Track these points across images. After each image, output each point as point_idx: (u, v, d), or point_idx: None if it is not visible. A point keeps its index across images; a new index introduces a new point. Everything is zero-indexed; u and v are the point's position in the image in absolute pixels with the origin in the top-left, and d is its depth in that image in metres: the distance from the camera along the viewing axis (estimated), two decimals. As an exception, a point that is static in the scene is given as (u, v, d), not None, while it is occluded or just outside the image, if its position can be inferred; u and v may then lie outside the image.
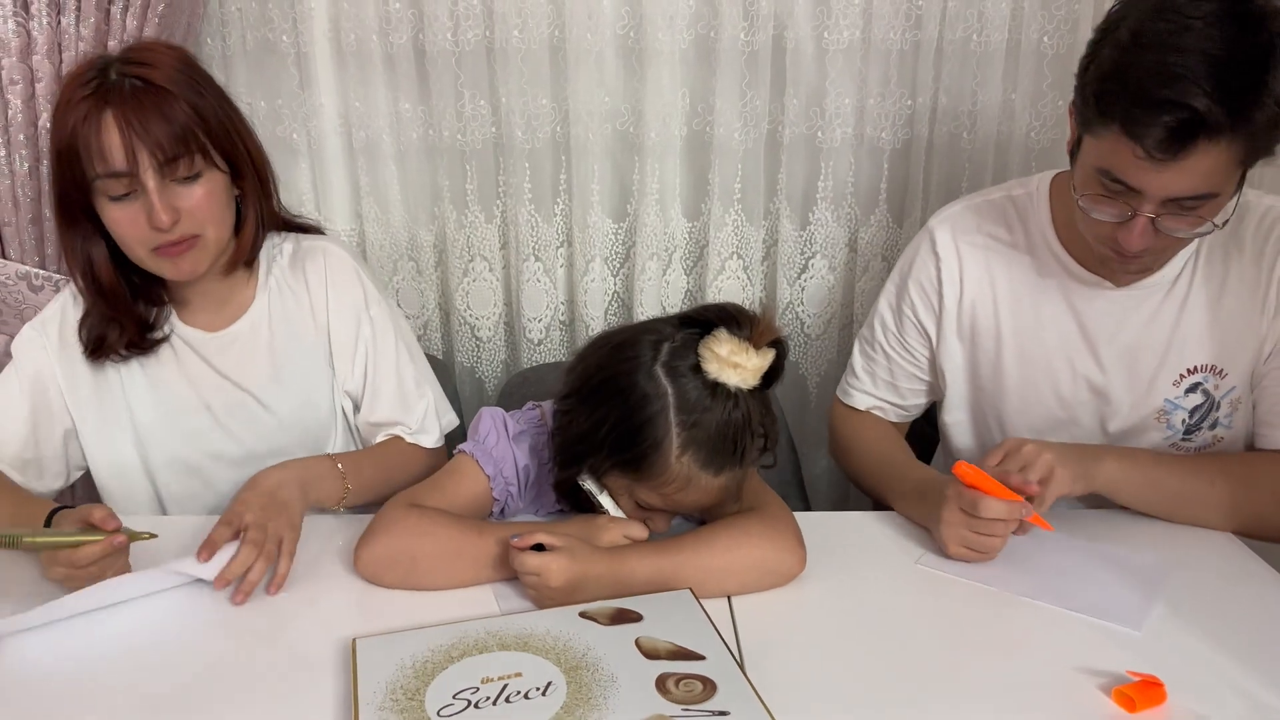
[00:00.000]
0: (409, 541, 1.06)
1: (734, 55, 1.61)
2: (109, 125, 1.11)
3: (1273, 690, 0.91)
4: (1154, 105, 0.99)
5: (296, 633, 1.00)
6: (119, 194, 1.14)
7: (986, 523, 1.08)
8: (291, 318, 1.32)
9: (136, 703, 0.90)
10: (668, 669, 0.87)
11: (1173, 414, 1.25)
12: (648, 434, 1.01)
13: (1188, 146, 1.00)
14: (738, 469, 1.04)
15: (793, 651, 0.97)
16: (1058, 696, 0.91)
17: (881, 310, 1.39)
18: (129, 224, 1.15)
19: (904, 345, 1.37)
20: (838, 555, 1.12)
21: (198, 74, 1.19)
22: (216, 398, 1.29)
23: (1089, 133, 1.09)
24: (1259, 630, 1.00)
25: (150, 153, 1.11)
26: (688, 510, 1.10)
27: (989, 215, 1.32)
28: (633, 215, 1.73)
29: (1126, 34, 1.03)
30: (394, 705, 0.83)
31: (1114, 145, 1.04)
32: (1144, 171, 1.04)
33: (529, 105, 1.64)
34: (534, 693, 0.84)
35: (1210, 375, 1.23)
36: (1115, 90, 1.03)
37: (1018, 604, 1.05)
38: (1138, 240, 1.09)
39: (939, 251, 1.32)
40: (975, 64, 1.62)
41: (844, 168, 1.69)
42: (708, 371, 1.00)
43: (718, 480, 1.03)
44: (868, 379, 1.41)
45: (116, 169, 1.12)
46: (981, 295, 1.31)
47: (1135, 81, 1.01)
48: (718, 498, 1.06)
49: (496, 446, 1.16)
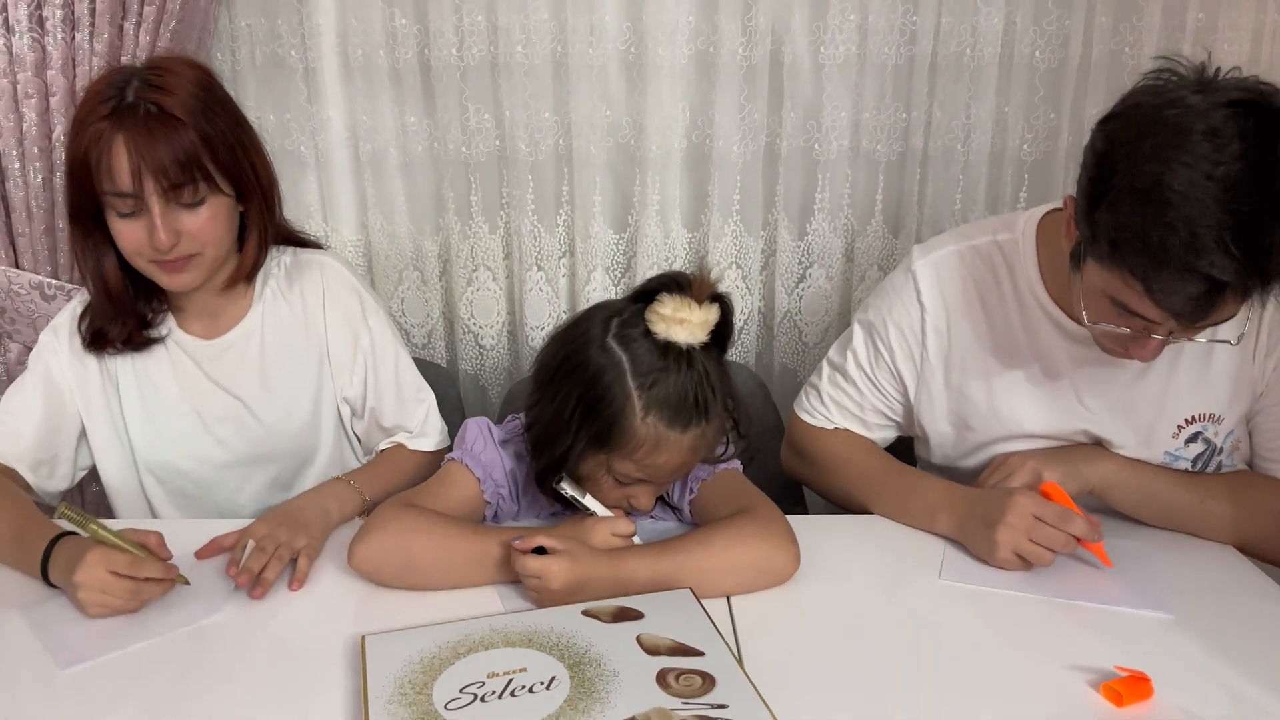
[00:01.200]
0: (403, 538, 1.08)
1: (733, 70, 1.65)
2: (119, 149, 1.14)
3: (1258, 687, 0.93)
4: (1180, 273, 0.93)
5: (307, 632, 1.03)
6: (125, 211, 1.18)
7: (1050, 534, 1.09)
8: (284, 329, 1.35)
9: (150, 696, 0.93)
10: (668, 664, 0.89)
11: (1175, 464, 1.23)
12: (610, 403, 1.05)
13: (1214, 309, 0.96)
14: (704, 424, 1.07)
15: (789, 648, 0.99)
16: (1047, 691, 0.93)
17: (855, 344, 1.34)
18: (132, 239, 1.19)
19: (876, 385, 1.33)
20: (832, 557, 1.15)
21: (214, 98, 1.22)
22: (207, 403, 1.32)
23: (1099, 264, 1.01)
24: (1247, 630, 1.03)
25: (155, 179, 1.15)
26: (666, 477, 1.12)
27: (975, 263, 1.26)
28: (634, 226, 1.76)
29: (1145, 182, 0.94)
30: (402, 699, 0.85)
31: (1129, 289, 0.99)
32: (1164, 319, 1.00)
33: (532, 118, 1.67)
34: (538, 687, 0.87)
35: (1209, 423, 1.21)
36: (1136, 247, 0.95)
37: (1009, 602, 1.08)
38: (1152, 355, 1.06)
39: (924, 300, 1.27)
40: (969, 78, 1.66)
41: (840, 179, 1.73)
42: (657, 333, 1.05)
43: (686, 437, 1.06)
44: (834, 408, 1.36)
45: (123, 190, 1.16)
46: (970, 348, 1.26)
47: (1159, 245, 0.93)
48: (689, 457, 1.09)
49: (484, 452, 1.20)
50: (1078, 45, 1.62)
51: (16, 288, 1.59)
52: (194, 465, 1.34)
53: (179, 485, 1.36)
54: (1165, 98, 0.97)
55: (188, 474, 1.35)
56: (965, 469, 1.32)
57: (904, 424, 1.37)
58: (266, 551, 1.11)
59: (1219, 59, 1.54)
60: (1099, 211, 0.99)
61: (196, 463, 1.34)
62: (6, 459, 1.27)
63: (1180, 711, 0.90)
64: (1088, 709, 0.90)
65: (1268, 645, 1.00)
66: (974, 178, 1.71)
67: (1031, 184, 1.70)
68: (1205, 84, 0.97)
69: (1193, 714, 0.89)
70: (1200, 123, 0.93)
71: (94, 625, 1.03)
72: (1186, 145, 0.93)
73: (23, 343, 1.64)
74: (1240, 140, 0.92)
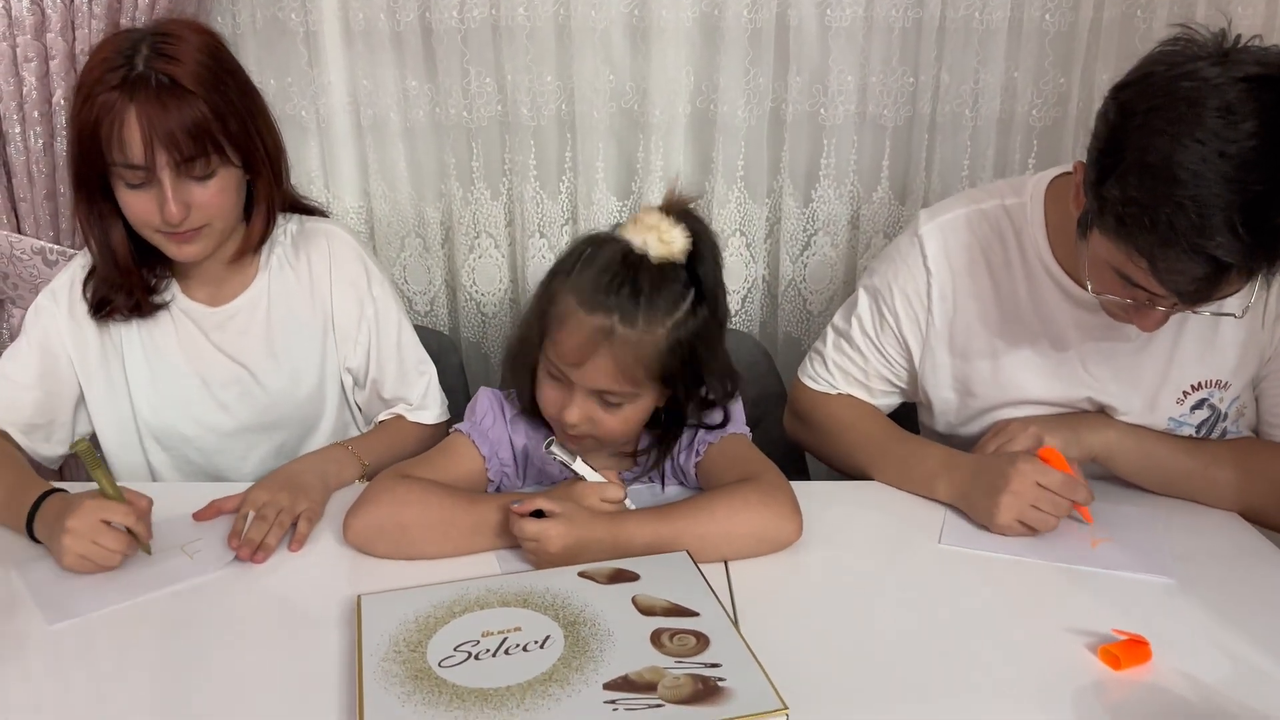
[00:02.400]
0: (397, 510, 1.08)
1: (738, 33, 1.62)
2: (131, 121, 1.14)
3: (1256, 648, 0.93)
4: (1186, 252, 0.92)
5: (304, 593, 1.04)
6: (135, 182, 1.17)
7: (1055, 501, 1.09)
8: (291, 297, 1.34)
9: (143, 654, 0.94)
10: (663, 624, 0.89)
11: (1179, 430, 1.22)
12: (554, 284, 1.10)
13: (1218, 288, 0.96)
14: (614, 318, 1.05)
15: (786, 611, 0.99)
16: (1045, 655, 0.93)
17: (860, 309, 1.33)
18: (141, 210, 1.19)
19: (881, 351, 1.33)
20: (832, 523, 1.15)
21: (224, 67, 1.21)
22: (211, 370, 1.32)
23: (1105, 235, 1.00)
24: (1249, 594, 1.03)
25: (168, 152, 1.14)
26: (572, 358, 1.07)
27: (982, 228, 1.25)
28: (637, 193, 1.75)
29: (1156, 158, 0.92)
30: (396, 656, 0.86)
31: (1134, 264, 0.98)
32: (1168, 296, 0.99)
33: (534, 83, 1.66)
34: (533, 645, 0.87)
35: (1215, 389, 1.20)
36: (1144, 224, 0.93)
37: (1008, 566, 1.07)
38: (1155, 325, 1.06)
39: (930, 266, 1.26)
40: (977, 42, 1.63)
41: (847, 145, 1.71)
42: (623, 233, 1.08)
43: (589, 320, 1.05)
44: (839, 373, 1.35)
45: (134, 162, 1.15)
46: (976, 313, 1.25)
47: (1166, 223, 0.92)
48: (587, 345, 1.05)
49: (493, 428, 1.19)
50: (1089, 8, 1.59)
51: (19, 253, 1.59)
52: (198, 431, 1.34)
53: (183, 452, 1.36)
54: (1181, 69, 0.94)
55: (192, 440, 1.35)
56: (968, 435, 1.32)
57: (908, 390, 1.36)
58: (268, 519, 1.12)
59: (1235, 21, 1.53)
60: (1107, 184, 0.97)
61: (201, 429, 1.34)
62: (0, 424, 1.27)
63: (1178, 675, 0.89)
64: (1085, 672, 0.90)
65: (1269, 610, 1.00)
66: (982, 144, 1.69)
67: (1040, 150, 1.68)
68: (1223, 55, 0.94)
69: (1191, 677, 0.89)
70: (1215, 98, 0.91)
71: (84, 582, 1.04)
72: (1200, 121, 0.91)
73: (24, 308, 1.64)
74: (1255, 118, 0.90)
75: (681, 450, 1.21)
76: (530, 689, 0.81)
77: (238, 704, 0.87)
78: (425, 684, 0.82)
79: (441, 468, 1.16)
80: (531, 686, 0.81)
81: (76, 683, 0.91)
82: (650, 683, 0.81)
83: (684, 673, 0.82)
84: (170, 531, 1.12)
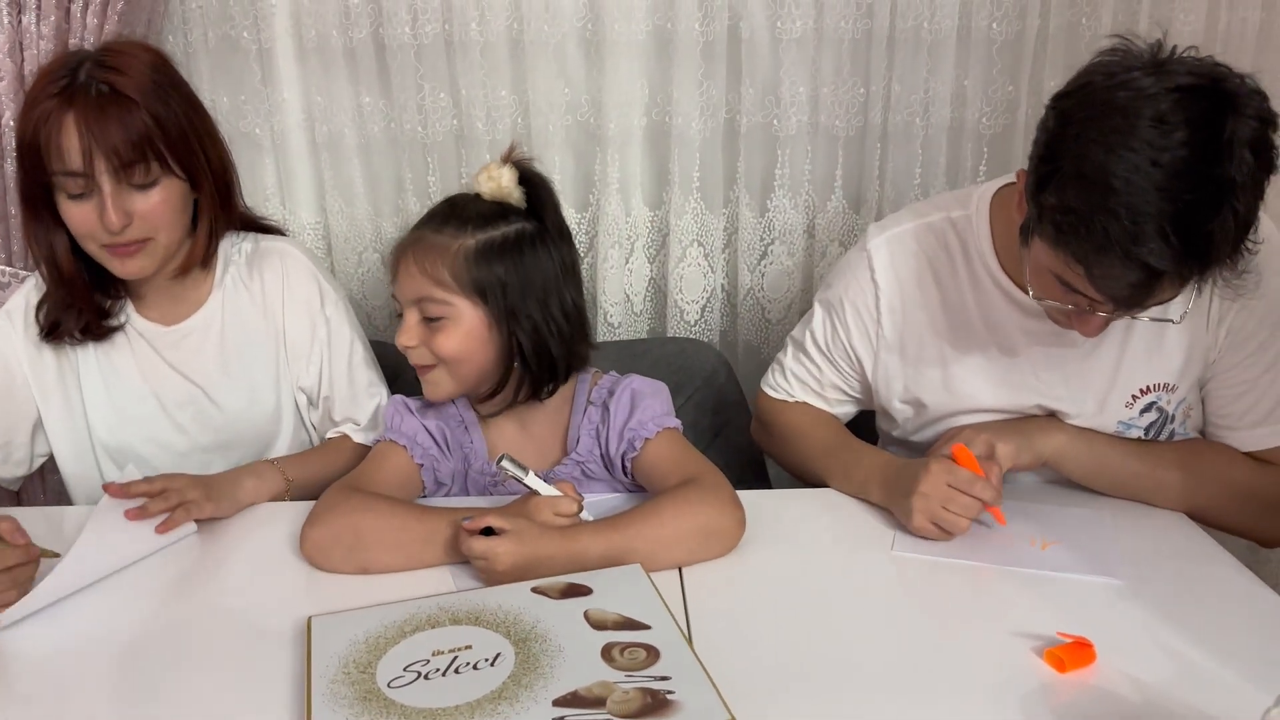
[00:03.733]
0: (351, 519, 1.09)
1: (690, 46, 1.63)
2: (69, 127, 1.13)
3: (1199, 649, 0.94)
4: (1120, 260, 0.94)
5: (254, 615, 1.03)
6: (76, 192, 1.17)
7: (964, 502, 1.10)
8: (245, 316, 1.34)
9: (94, 680, 0.93)
10: (614, 639, 0.90)
11: (1128, 433, 1.24)
12: None
13: (1152, 294, 0.98)
14: (425, 230, 1.18)
15: (738, 620, 1.00)
16: (991, 658, 0.94)
17: (815, 323, 1.36)
18: (82, 221, 1.18)
19: (833, 363, 1.35)
20: (786, 531, 1.16)
21: (168, 81, 1.21)
22: (166, 390, 1.32)
23: (1045, 243, 1.02)
24: (1195, 595, 1.04)
25: (106, 157, 1.14)
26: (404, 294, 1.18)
27: (929, 241, 1.27)
28: (595, 205, 1.75)
29: (1091, 167, 0.95)
30: (345, 678, 0.85)
31: (1072, 271, 1.00)
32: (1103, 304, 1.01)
33: (489, 97, 1.66)
34: (483, 663, 0.87)
35: (1162, 392, 1.22)
36: (1080, 231, 0.96)
37: (959, 571, 1.09)
38: (1096, 331, 1.08)
39: (878, 279, 1.28)
40: (926, 52, 1.65)
41: (800, 155, 1.72)
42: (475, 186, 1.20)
43: (406, 238, 1.19)
44: (796, 383, 1.38)
45: (73, 169, 1.15)
46: (925, 324, 1.27)
47: (1101, 231, 0.94)
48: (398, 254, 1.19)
49: (404, 424, 1.23)
50: (1035, 17, 1.62)
51: (-31, 275, 1.57)
52: (154, 451, 1.33)
53: (140, 472, 1.34)
54: (1117, 79, 0.97)
55: (148, 460, 1.34)
56: (923, 441, 1.33)
57: (864, 399, 1.39)
58: (169, 500, 1.14)
59: (1176, 29, 1.56)
60: (1045, 193, 0.99)
61: (157, 448, 1.33)
62: None
63: (1123, 676, 0.90)
64: (1031, 675, 0.91)
65: (1214, 610, 1.01)
66: (934, 152, 1.71)
67: (991, 157, 1.70)
68: (1158, 65, 0.96)
69: (1135, 679, 0.90)
70: (1149, 108, 0.93)
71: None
72: (1133, 131, 0.93)
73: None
74: (1186, 127, 0.92)
75: (610, 440, 1.22)
76: (479, 707, 0.81)
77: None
78: (374, 705, 0.82)
79: (377, 474, 1.19)
80: (481, 705, 0.81)
81: (19, 703, 0.90)
82: (600, 698, 0.82)
83: (633, 686, 0.83)
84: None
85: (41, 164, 1.16)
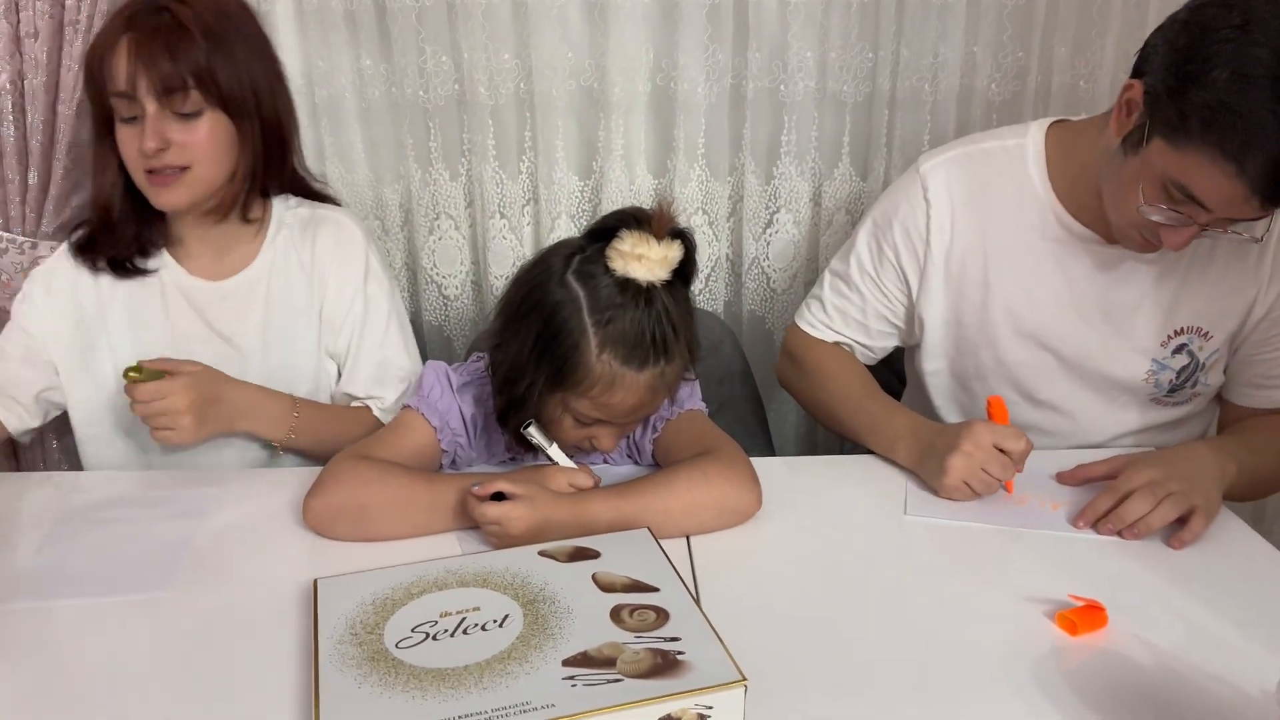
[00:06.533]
0: (357, 490, 1.07)
1: (696, 10, 1.61)
2: (122, 49, 1.18)
3: (1210, 613, 0.94)
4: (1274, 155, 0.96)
5: (262, 579, 1.02)
6: (126, 115, 1.20)
7: (1002, 462, 1.10)
8: (292, 279, 1.34)
9: (100, 643, 0.92)
10: (623, 600, 0.89)
11: (1160, 374, 1.26)
12: (566, 338, 1.04)
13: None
14: (662, 364, 1.06)
15: (746, 586, 0.99)
16: (1003, 622, 0.93)
17: (859, 248, 1.37)
18: (127, 144, 1.21)
19: (880, 288, 1.36)
20: (796, 498, 1.15)
21: (234, 23, 1.24)
22: (202, 350, 1.30)
23: (1173, 145, 1.04)
24: (1205, 559, 1.04)
25: (149, 81, 1.17)
26: (626, 418, 1.11)
27: (983, 165, 1.29)
28: (599, 172, 1.73)
29: (1255, 65, 0.96)
30: (353, 639, 0.85)
31: (1208, 172, 1.01)
32: (1231, 204, 1.02)
33: (491, 61, 1.64)
34: (491, 625, 0.86)
35: (1196, 337, 1.24)
36: (1234, 126, 0.97)
37: (971, 535, 1.08)
38: (1183, 244, 1.09)
39: (930, 199, 1.29)
40: (936, 17, 1.63)
41: (807, 122, 1.70)
42: (615, 269, 1.03)
43: (643, 376, 1.05)
44: (837, 316, 1.40)
45: (119, 89, 1.19)
46: (972, 246, 1.29)
47: (1261, 127, 0.96)
48: (647, 396, 1.08)
49: (441, 399, 1.18)
50: (1047, -18, 1.60)
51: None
52: None
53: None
54: None
55: None
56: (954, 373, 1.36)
57: (904, 330, 1.40)
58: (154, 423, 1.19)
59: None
60: (1193, 90, 1.00)
61: None
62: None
63: (1134, 639, 0.90)
64: (1043, 638, 0.91)
65: (1224, 575, 1.01)
66: (942, 119, 1.69)
67: (1000, 124, 1.66)
68: None
69: (1146, 641, 0.90)
70: None
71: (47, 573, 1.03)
72: None
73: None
74: None
75: (638, 429, 1.20)
76: (488, 668, 0.80)
77: (195, 688, 0.86)
78: (382, 665, 0.81)
79: (394, 443, 1.15)
80: (490, 665, 0.81)
81: (27, 673, 0.89)
82: (609, 658, 0.81)
83: (643, 647, 0.82)
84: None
85: (99, 83, 1.20)
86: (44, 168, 1.53)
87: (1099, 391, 1.30)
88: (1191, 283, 1.23)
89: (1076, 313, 1.26)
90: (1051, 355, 1.29)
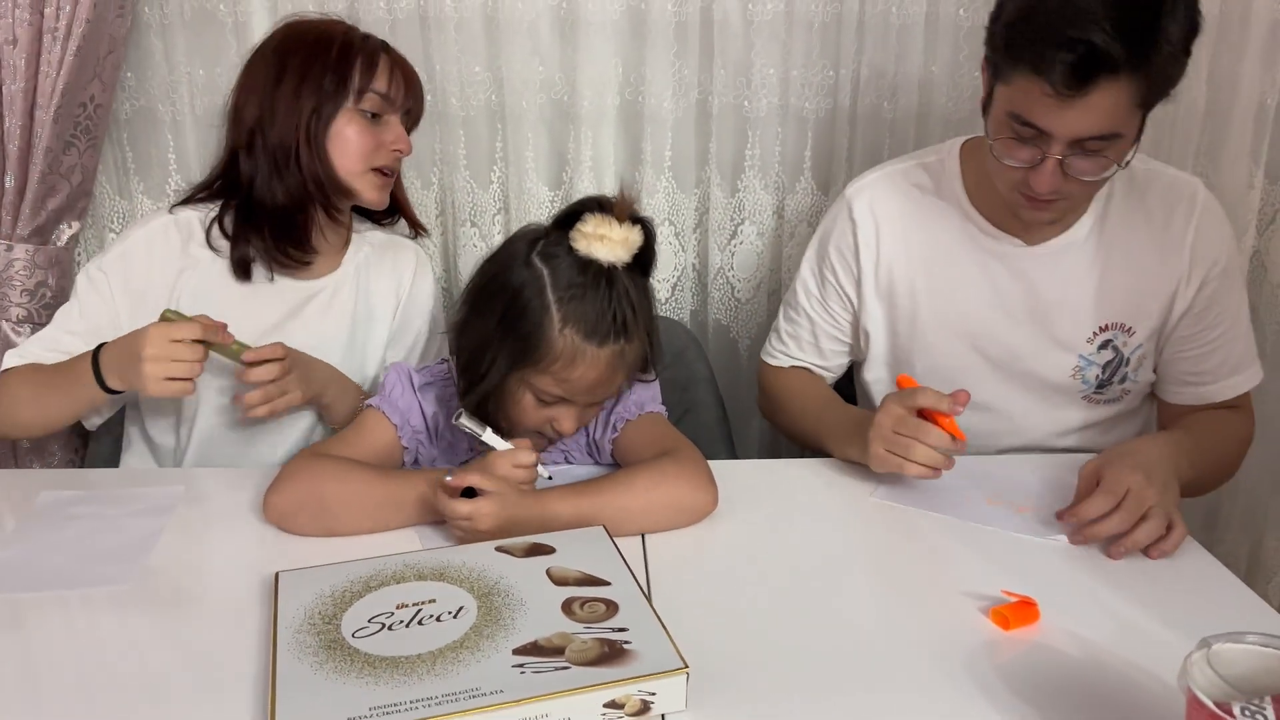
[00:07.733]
0: (315, 484, 1.10)
1: (664, 26, 1.66)
2: (383, 58, 1.33)
3: (1139, 608, 0.98)
4: (1059, 44, 1.05)
5: (224, 572, 1.05)
6: (371, 110, 1.32)
7: (912, 423, 1.13)
8: (373, 289, 1.43)
9: (65, 632, 0.94)
10: (574, 593, 0.92)
11: (1086, 370, 1.32)
12: (530, 315, 1.07)
13: (1090, 81, 1.06)
14: (622, 342, 1.09)
15: (697, 580, 1.03)
16: (939, 616, 0.97)
17: (804, 275, 1.45)
18: (364, 137, 1.32)
19: (826, 309, 1.43)
20: (749, 499, 1.19)
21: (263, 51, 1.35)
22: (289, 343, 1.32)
23: (1000, 80, 1.15)
24: (1139, 556, 1.07)
25: (401, 99, 1.36)
26: (586, 396, 1.13)
27: (902, 182, 1.38)
28: (568, 183, 1.77)
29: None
30: (311, 629, 0.87)
31: (1024, 86, 1.11)
32: (1051, 111, 1.10)
33: (463, 73, 1.68)
34: (446, 616, 0.89)
35: (1119, 333, 1.30)
36: (1023, 32, 1.09)
37: (913, 534, 1.12)
38: (1048, 182, 1.15)
39: (855, 218, 1.37)
40: (895, 37, 1.68)
41: (770, 137, 1.75)
42: (579, 250, 1.07)
43: (603, 353, 1.09)
44: (792, 342, 1.47)
45: (383, 90, 1.32)
46: (897, 257, 1.36)
47: (1042, 22, 1.07)
48: (607, 374, 1.11)
49: (402, 398, 1.21)
50: (1001, 4, 1.65)
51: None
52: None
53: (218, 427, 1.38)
54: None
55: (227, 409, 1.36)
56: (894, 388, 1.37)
57: (854, 345, 1.46)
58: (270, 396, 1.25)
59: None
60: (997, 24, 1.14)
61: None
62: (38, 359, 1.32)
63: (1066, 634, 0.94)
64: (977, 632, 0.94)
65: (1151, 569, 1.05)
66: (901, 135, 1.74)
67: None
68: None
69: (1078, 637, 0.94)
70: None
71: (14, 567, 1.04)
72: None
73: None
74: None
75: (598, 426, 1.24)
76: (441, 656, 0.83)
77: (152, 677, 0.88)
78: (338, 654, 0.84)
79: (355, 442, 1.18)
80: (442, 654, 0.84)
81: (-8, 662, 0.91)
82: (559, 647, 0.84)
83: (591, 637, 0.85)
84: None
85: (348, 75, 1.30)
86: (21, 172, 1.55)
87: (1031, 390, 1.35)
88: (1112, 278, 1.29)
89: (1004, 314, 1.32)
90: (981, 357, 1.35)
